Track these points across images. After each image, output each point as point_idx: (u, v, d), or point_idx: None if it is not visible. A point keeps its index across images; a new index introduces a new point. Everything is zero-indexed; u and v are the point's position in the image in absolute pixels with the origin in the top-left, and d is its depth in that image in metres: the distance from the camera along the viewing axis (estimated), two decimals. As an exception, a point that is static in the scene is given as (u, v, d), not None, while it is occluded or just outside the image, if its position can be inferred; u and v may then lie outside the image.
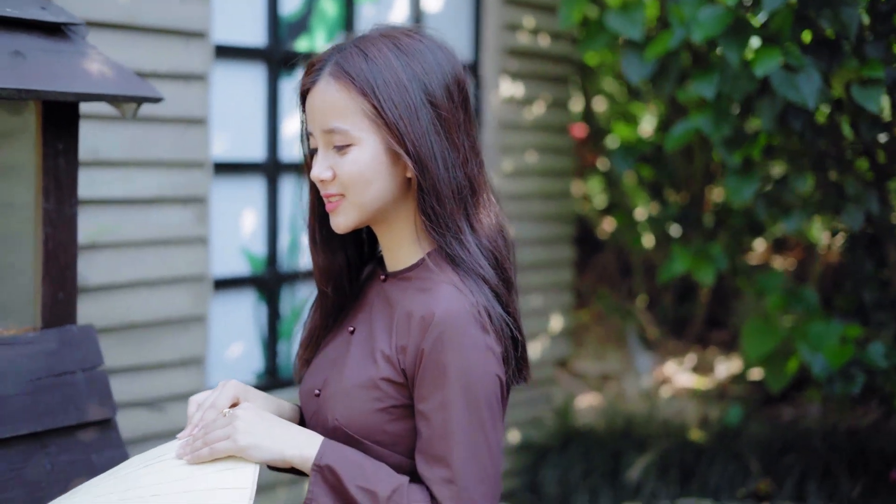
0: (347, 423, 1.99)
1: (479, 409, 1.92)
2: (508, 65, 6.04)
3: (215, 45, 4.63)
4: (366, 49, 1.98)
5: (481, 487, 1.93)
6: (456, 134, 1.99)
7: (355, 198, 1.98)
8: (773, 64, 4.06)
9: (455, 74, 2.02)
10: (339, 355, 2.09)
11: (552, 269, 6.47)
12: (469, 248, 1.97)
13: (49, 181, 2.68)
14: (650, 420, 6.02)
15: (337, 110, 1.96)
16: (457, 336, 1.90)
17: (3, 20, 2.56)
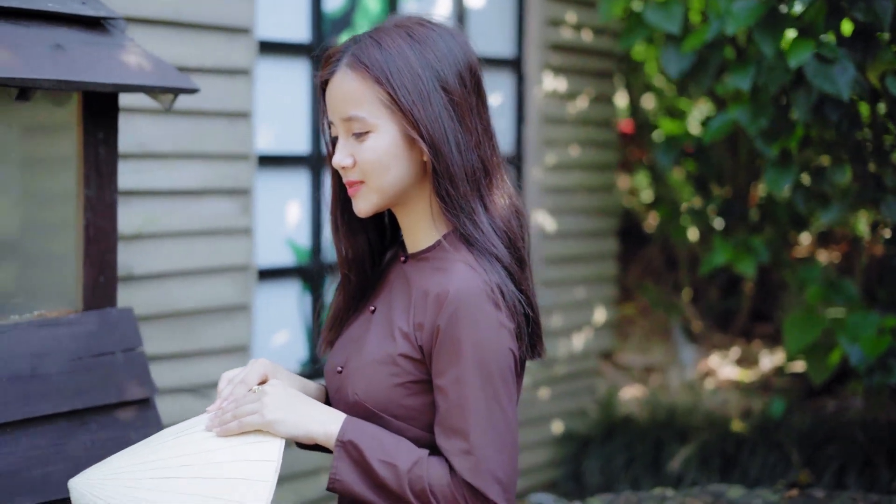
0: (367, 397, 2.07)
1: (494, 382, 1.98)
2: (551, 59, 6.11)
3: (259, 40, 4.74)
4: (380, 39, 2.06)
5: (500, 457, 1.98)
6: (469, 118, 2.06)
7: (375, 183, 2.05)
8: (806, 55, 4.10)
9: (467, 61, 2.09)
10: (360, 334, 2.17)
11: (596, 261, 6.53)
12: (483, 228, 2.04)
13: (90, 169, 2.79)
14: (693, 411, 6.06)
15: (354, 99, 2.04)
16: (470, 312, 1.96)
17: (46, 15, 2.68)
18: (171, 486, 2.07)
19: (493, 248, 2.04)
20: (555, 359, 6.29)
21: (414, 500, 1.98)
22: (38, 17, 2.67)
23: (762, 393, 6.39)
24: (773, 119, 4.71)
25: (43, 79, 2.52)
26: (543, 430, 6.25)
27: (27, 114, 2.86)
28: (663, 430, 5.93)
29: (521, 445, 5.92)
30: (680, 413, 6.04)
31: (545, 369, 6.22)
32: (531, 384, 6.15)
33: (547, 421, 6.28)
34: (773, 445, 5.53)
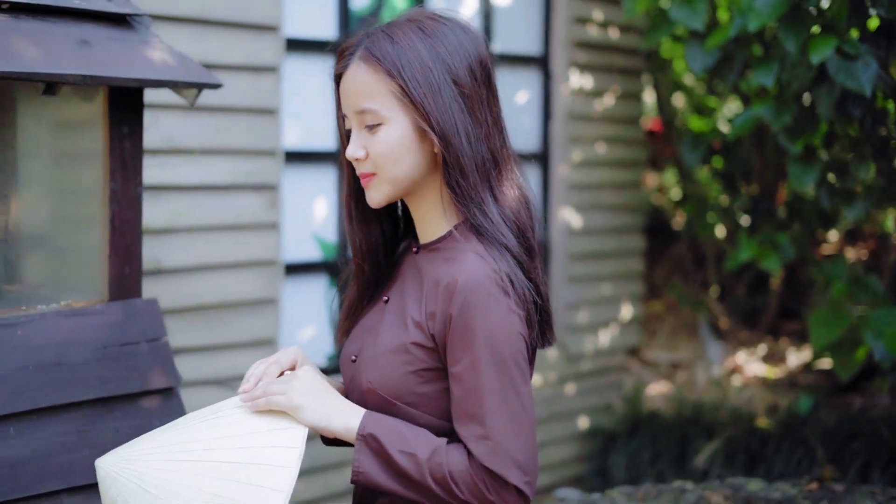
0: (380, 385, 2.10)
1: (508, 366, 2.01)
2: (578, 57, 6.14)
3: (287, 38, 4.80)
4: (392, 33, 2.10)
5: (517, 441, 2.00)
6: (479, 110, 2.10)
7: (387, 174, 2.10)
8: (827, 51, 4.12)
9: (478, 54, 2.13)
10: (374, 323, 2.21)
11: (623, 258, 6.56)
12: (492, 218, 2.08)
13: (115, 163, 2.85)
14: (719, 408, 6.09)
15: (367, 92, 2.08)
16: (481, 300, 1.99)
17: (72, 11, 2.74)
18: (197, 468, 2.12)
19: (502, 237, 2.07)
20: (581, 355, 6.32)
21: (436, 487, 2.01)
22: (64, 13, 2.73)
23: (789, 390, 6.40)
24: (796, 115, 4.72)
25: (68, 73, 2.57)
26: (569, 425, 6.29)
27: (57, 110, 2.92)
28: (689, 426, 5.95)
29: (546, 441, 5.99)
30: (706, 409, 6.07)
31: (571, 365, 6.26)
32: (557, 380, 6.18)
33: (573, 416, 6.31)
34: (799, 442, 5.54)
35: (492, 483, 2.00)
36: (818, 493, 3.69)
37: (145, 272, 4.25)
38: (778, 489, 3.75)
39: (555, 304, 6.24)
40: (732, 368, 6.74)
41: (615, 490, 3.82)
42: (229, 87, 4.53)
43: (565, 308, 6.22)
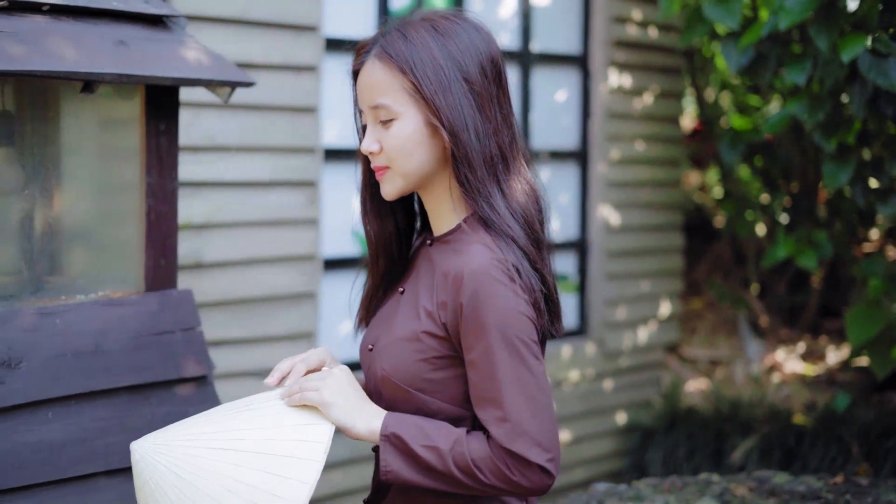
0: (394, 372, 2.18)
1: (519, 349, 2.07)
2: (617, 56, 6.20)
3: (326, 38, 4.90)
4: (406, 32, 2.19)
5: (535, 421, 2.06)
6: (488, 107, 2.17)
7: (399, 167, 2.18)
8: (858, 49, 4.15)
9: (489, 54, 2.21)
10: (390, 314, 2.30)
11: (661, 255, 6.61)
12: (499, 210, 2.15)
13: (151, 158, 2.96)
14: (756, 404, 6.12)
15: (381, 88, 2.17)
16: (488, 287, 2.06)
17: (110, 13, 2.84)
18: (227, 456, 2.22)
19: (508, 229, 2.14)
20: (619, 351, 6.37)
21: (461, 475, 2.08)
22: (103, 15, 2.83)
23: (827, 387, 6.42)
24: (830, 113, 4.75)
25: (105, 73, 2.68)
26: (607, 421, 6.35)
27: (98, 108, 3.02)
28: (726, 422, 5.99)
29: (584, 436, 6.06)
30: (743, 406, 6.10)
31: (609, 361, 6.32)
32: (595, 375, 6.24)
33: (611, 412, 6.37)
34: (834, 438, 5.57)
35: (514, 464, 2.06)
36: (843, 487, 3.74)
37: (187, 266, 4.37)
38: (803, 482, 3.80)
39: (593, 299, 6.30)
40: (771, 366, 6.77)
41: (641, 482, 3.88)
42: (270, 86, 4.64)
43: (603, 304, 6.29)
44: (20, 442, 2.62)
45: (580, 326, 6.35)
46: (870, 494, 3.64)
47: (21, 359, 2.65)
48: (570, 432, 6.14)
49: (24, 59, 2.55)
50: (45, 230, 2.91)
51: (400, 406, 2.19)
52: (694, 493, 3.67)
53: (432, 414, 2.16)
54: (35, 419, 2.66)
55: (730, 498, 3.63)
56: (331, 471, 4.95)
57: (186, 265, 4.36)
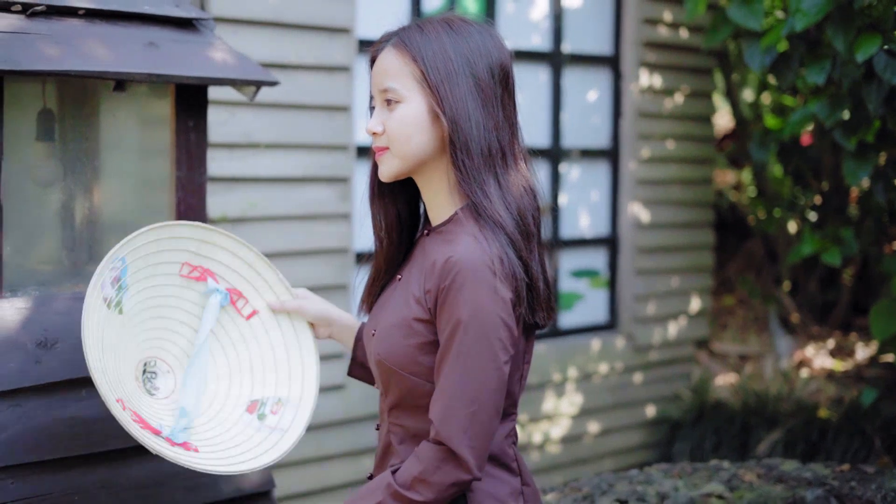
0: (387, 357, 2.29)
1: (480, 342, 2.15)
2: (648, 57, 6.32)
3: (359, 39, 5.07)
4: (423, 26, 2.34)
5: (467, 409, 2.14)
6: (491, 104, 2.30)
7: (398, 149, 2.30)
8: (873, 49, 4.26)
9: (500, 59, 2.33)
10: (387, 300, 2.42)
11: (692, 252, 6.72)
12: (491, 197, 2.24)
13: (181, 153, 3.13)
14: (784, 399, 6.21)
15: (391, 73, 2.30)
16: (469, 277, 2.15)
17: (141, 16, 3.02)
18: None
19: (497, 215, 2.23)
20: (648, 345, 6.50)
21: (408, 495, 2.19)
22: (134, 18, 3.01)
23: (855, 383, 6.50)
24: (850, 112, 4.85)
25: (136, 72, 2.86)
26: (636, 413, 6.47)
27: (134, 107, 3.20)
28: (753, 415, 6.10)
29: (613, 428, 6.19)
30: (770, 400, 6.20)
31: (639, 355, 6.44)
32: (624, 368, 6.37)
33: (640, 405, 6.49)
34: (858, 432, 5.66)
35: (439, 453, 2.15)
36: (849, 475, 3.85)
37: (222, 258, 4.55)
38: (810, 469, 3.91)
39: (623, 295, 6.43)
40: (800, 361, 6.86)
41: (653, 467, 4.01)
42: (304, 86, 4.82)
43: (633, 299, 6.41)
44: (56, 417, 2.79)
45: (610, 321, 6.48)
46: (874, 482, 3.75)
47: (56, 340, 2.82)
48: (599, 424, 6.27)
49: (60, 60, 2.73)
50: (83, 221, 3.09)
51: (394, 388, 2.30)
52: (703, 478, 3.80)
53: (425, 395, 2.25)
54: (70, 396, 2.83)
55: (737, 483, 3.76)
56: (359, 457, 5.12)
57: (222, 257, 4.54)
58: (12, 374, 2.73)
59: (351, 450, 5.10)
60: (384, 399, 2.38)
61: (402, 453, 2.32)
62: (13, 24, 2.75)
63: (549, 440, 6.04)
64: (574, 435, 6.18)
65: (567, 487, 3.83)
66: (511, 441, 2.37)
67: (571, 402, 6.14)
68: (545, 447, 6.03)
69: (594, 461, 6.21)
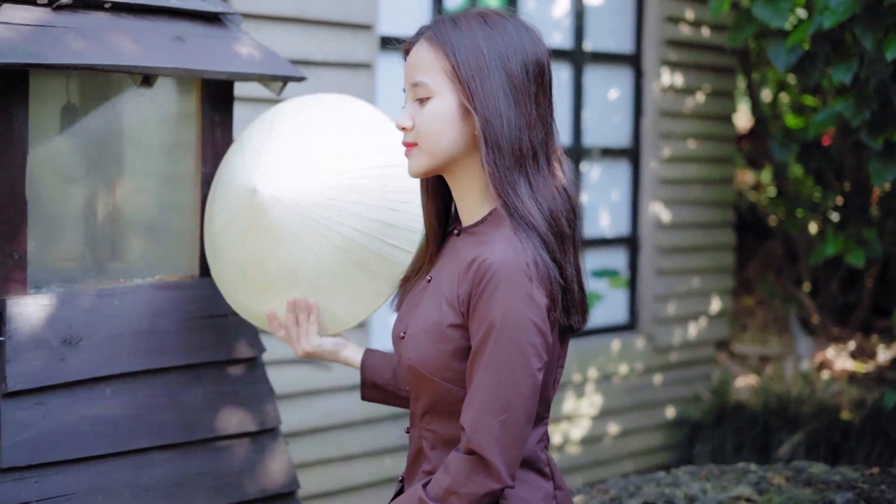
0: (419, 362, 2.23)
1: (510, 347, 2.10)
2: (669, 55, 6.28)
3: (381, 36, 5.03)
4: (457, 20, 2.28)
5: (499, 416, 2.09)
6: (525, 102, 2.24)
7: (427, 145, 2.23)
8: (902, 48, 4.22)
9: (535, 55, 2.26)
10: (417, 303, 2.35)
11: (712, 252, 6.68)
12: (522, 198, 2.18)
13: (207, 150, 3.09)
14: (805, 401, 6.17)
15: (423, 67, 2.24)
16: (503, 282, 2.10)
17: (168, 10, 2.99)
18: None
19: (529, 216, 2.17)
20: (669, 346, 6.45)
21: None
22: (161, 12, 2.97)
23: (877, 385, 6.45)
24: (876, 111, 4.80)
25: (163, 67, 2.82)
26: (656, 414, 6.43)
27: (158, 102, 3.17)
28: (774, 417, 6.06)
29: (633, 429, 6.15)
30: (792, 401, 6.16)
31: (659, 356, 6.40)
32: (644, 369, 6.33)
33: (660, 406, 6.45)
34: (881, 434, 5.62)
35: (471, 464, 2.11)
36: (878, 478, 3.80)
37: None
38: (839, 472, 3.87)
39: (643, 295, 6.39)
40: (821, 363, 6.81)
41: (680, 469, 3.97)
42: (326, 83, 4.78)
43: (654, 300, 6.37)
44: (80, 415, 2.76)
45: (630, 321, 6.44)
46: (905, 485, 3.71)
47: (81, 337, 2.79)
48: (619, 425, 6.23)
49: (86, 54, 2.69)
50: (106, 218, 3.06)
51: (425, 393, 2.25)
52: (731, 481, 3.76)
53: (457, 400, 2.20)
54: (94, 394, 2.80)
55: (766, 486, 3.71)
56: (381, 456, 5.08)
57: (243, 255, 4.51)
58: (37, 372, 2.70)
59: (373, 449, 5.06)
60: (415, 404, 2.33)
61: (434, 459, 2.28)
62: (39, 17, 2.72)
63: (568, 441, 6.00)
64: (594, 436, 6.13)
65: (594, 489, 3.79)
66: (543, 445, 2.33)
67: (591, 403, 6.10)
68: (565, 448, 5.99)
69: (614, 462, 6.16)
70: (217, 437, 3.01)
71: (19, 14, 2.69)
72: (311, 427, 4.82)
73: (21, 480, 2.66)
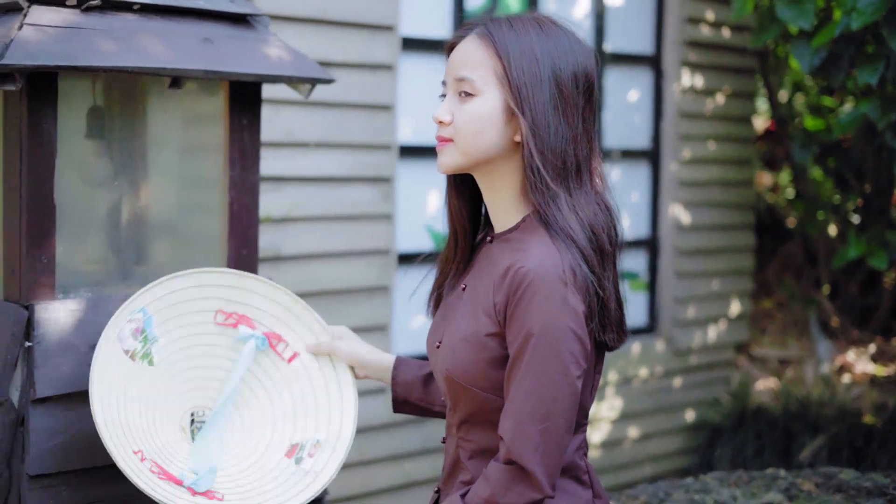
0: (456, 372, 2.19)
1: (548, 355, 2.06)
2: (689, 56, 6.24)
3: (402, 37, 5.00)
4: (512, 22, 2.22)
5: (539, 425, 2.05)
6: (572, 115, 2.19)
7: (464, 143, 2.19)
8: (929, 49, 4.18)
9: (585, 68, 2.21)
10: (452, 311, 2.31)
11: (732, 254, 6.64)
12: (563, 211, 2.13)
13: (234, 152, 3.06)
14: (826, 404, 6.13)
15: (472, 63, 2.19)
16: (540, 289, 2.05)
17: (196, 11, 2.95)
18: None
19: (569, 229, 2.12)
20: (688, 349, 6.41)
21: None
22: (189, 13, 2.94)
23: (898, 388, 6.42)
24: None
25: (192, 69, 2.79)
26: (676, 418, 6.39)
27: (184, 104, 3.14)
28: (795, 421, 6.01)
29: (652, 433, 6.11)
30: (813, 405, 6.12)
31: (679, 359, 6.36)
32: (664, 373, 6.29)
33: (680, 409, 6.41)
34: (904, 437, 5.58)
35: (510, 472, 2.07)
36: (910, 483, 3.77)
37: (266, 258, 4.49)
38: (870, 479, 3.83)
39: (663, 297, 6.35)
40: (842, 366, 6.77)
41: (708, 476, 3.94)
42: (347, 84, 4.75)
43: (673, 302, 6.33)
44: (108, 422, 2.73)
45: (650, 324, 6.40)
46: (937, 491, 3.66)
47: (110, 342, 2.76)
48: (638, 429, 6.19)
49: (116, 56, 2.66)
50: (133, 221, 3.03)
51: (462, 403, 2.22)
52: (760, 487, 3.72)
53: (496, 410, 2.16)
54: (122, 400, 2.77)
55: (796, 493, 3.68)
56: (402, 461, 5.05)
57: (266, 258, 4.48)
58: (65, 378, 2.67)
59: (394, 453, 5.03)
60: (452, 414, 2.29)
61: (472, 469, 2.24)
62: (68, 18, 2.69)
63: (588, 445, 5.96)
64: (614, 440, 6.10)
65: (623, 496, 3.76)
66: (582, 453, 2.29)
67: (611, 407, 6.06)
68: (584, 452, 5.95)
69: (634, 466, 6.12)
70: (246, 443, 2.97)
71: (48, 16, 2.66)
72: (331, 431, 4.79)
73: (50, 488, 2.64)
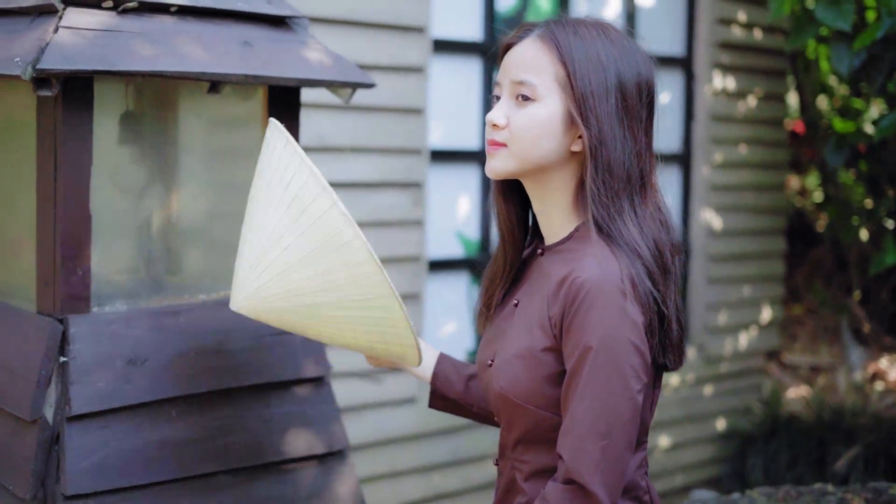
0: (510, 390, 2.11)
1: (608, 368, 1.98)
2: (721, 58, 6.15)
3: (433, 39, 4.90)
4: (577, 26, 2.12)
5: (599, 442, 1.97)
6: (636, 127, 2.10)
7: (518, 149, 2.09)
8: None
9: (648, 78, 2.13)
10: (505, 327, 2.22)
11: (763, 260, 6.54)
12: (628, 225, 2.05)
13: (273, 159, 2.96)
14: (860, 413, 6.02)
15: (532, 66, 2.09)
16: (598, 300, 1.97)
17: (235, 14, 2.86)
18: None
19: (635, 243, 2.04)
20: (720, 356, 6.32)
21: None
22: (228, 16, 2.84)
23: (933, 396, 6.32)
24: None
25: (232, 73, 2.69)
26: (707, 426, 6.29)
27: (217, 108, 3.05)
28: (829, 430, 5.91)
29: (683, 442, 6.01)
30: (846, 414, 6.01)
31: (710, 366, 6.26)
32: (695, 381, 6.19)
33: (711, 418, 6.32)
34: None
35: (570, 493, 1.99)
36: (963, 499, 3.66)
37: (295, 265, 4.39)
38: (921, 494, 3.73)
39: (694, 304, 6.25)
40: (874, 373, 6.66)
41: (755, 491, 3.83)
42: (378, 87, 4.64)
43: (705, 308, 6.24)
44: (147, 439, 2.64)
45: (681, 331, 6.30)
46: None
47: (146, 357, 2.67)
48: (669, 438, 6.09)
49: (154, 60, 2.56)
50: (169, 231, 2.94)
51: (518, 422, 2.13)
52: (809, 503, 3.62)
53: (553, 428, 2.08)
54: (160, 417, 2.68)
55: (846, 509, 3.58)
56: (430, 473, 4.95)
57: (295, 264, 4.39)
58: (101, 394, 2.58)
59: (424, 465, 4.94)
60: (506, 434, 2.20)
61: (529, 490, 2.15)
62: (105, 21, 2.59)
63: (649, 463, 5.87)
64: (644, 449, 6.00)
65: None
66: (643, 472, 2.20)
67: (642, 415, 5.96)
68: (614, 461, 5.86)
69: (665, 476, 6.02)
70: (285, 461, 2.88)
71: (84, 18, 2.57)
72: (360, 442, 4.69)
73: (86, 509, 2.54)
